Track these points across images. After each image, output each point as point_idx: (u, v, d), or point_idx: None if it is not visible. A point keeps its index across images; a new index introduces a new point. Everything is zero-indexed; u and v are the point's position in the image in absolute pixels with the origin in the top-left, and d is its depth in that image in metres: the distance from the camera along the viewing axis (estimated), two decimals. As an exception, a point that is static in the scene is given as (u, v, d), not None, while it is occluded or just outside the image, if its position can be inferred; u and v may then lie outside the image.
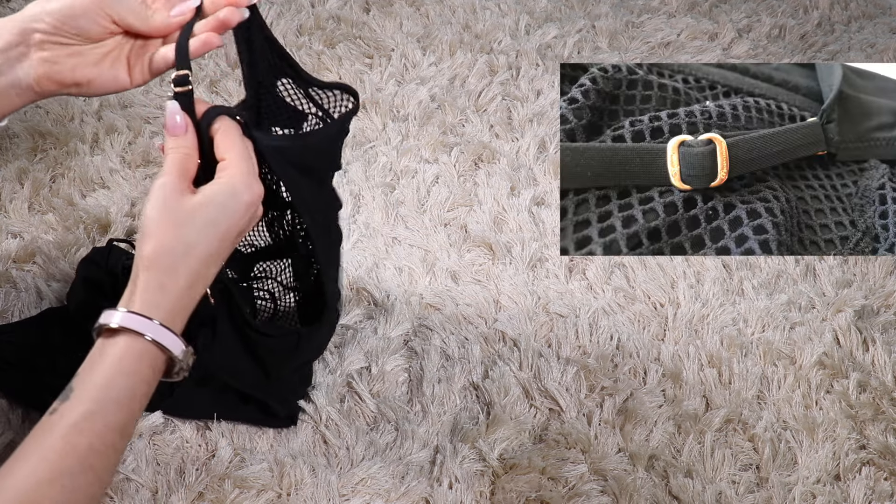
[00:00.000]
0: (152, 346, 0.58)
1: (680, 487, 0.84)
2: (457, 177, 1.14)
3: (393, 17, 1.37)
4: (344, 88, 0.74)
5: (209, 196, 0.61)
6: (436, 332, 0.95)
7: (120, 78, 0.67)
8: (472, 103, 1.26)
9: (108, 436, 0.56)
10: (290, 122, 0.73)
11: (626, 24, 1.45)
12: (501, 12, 1.43)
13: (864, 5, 1.57)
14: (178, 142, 0.63)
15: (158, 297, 0.59)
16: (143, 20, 0.66)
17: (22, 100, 0.64)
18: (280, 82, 0.71)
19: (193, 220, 0.60)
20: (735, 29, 1.46)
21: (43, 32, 0.63)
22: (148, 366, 0.59)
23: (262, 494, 0.80)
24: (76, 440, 0.55)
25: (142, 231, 0.60)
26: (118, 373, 0.57)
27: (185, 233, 0.60)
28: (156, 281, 0.59)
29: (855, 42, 1.47)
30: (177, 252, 0.59)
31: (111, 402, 0.56)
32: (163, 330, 0.59)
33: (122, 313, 0.58)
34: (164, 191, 0.61)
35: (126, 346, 0.58)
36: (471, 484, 0.82)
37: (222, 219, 0.61)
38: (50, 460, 0.54)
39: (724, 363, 0.95)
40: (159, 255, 0.59)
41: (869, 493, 0.86)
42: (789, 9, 1.53)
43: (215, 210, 0.61)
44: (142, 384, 0.59)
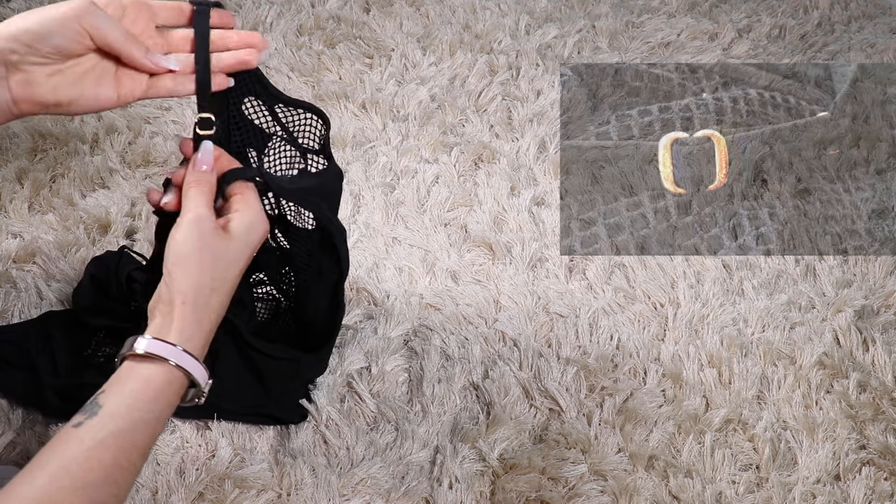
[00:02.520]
0: (182, 375, 0.62)
1: (680, 487, 0.84)
2: (457, 177, 1.14)
3: (393, 17, 1.37)
4: (311, 109, 0.74)
5: (236, 233, 0.65)
6: (436, 332, 0.95)
7: (102, 97, 0.64)
8: (472, 103, 1.26)
9: (133, 454, 0.58)
10: (258, 142, 0.73)
11: (626, 24, 1.45)
12: (501, 12, 1.43)
13: (864, 5, 1.57)
14: (202, 176, 0.66)
15: (194, 331, 0.62)
16: (121, 47, 0.63)
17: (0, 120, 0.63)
18: (247, 100, 0.71)
19: (226, 256, 0.64)
20: (735, 29, 1.46)
21: (19, 53, 0.60)
22: (175, 392, 0.62)
23: (262, 494, 0.80)
24: (102, 455, 0.56)
25: (177, 263, 0.63)
26: (150, 398, 0.60)
27: (219, 269, 0.64)
28: (193, 316, 0.62)
29: (855, 42, 1.47)
30: (211, 288, 0.63)
31: (140, 423, 0.58)
32: (194, 362, 0.62)
33: (161, 344, 0.61)
34: (201, 226, 0.64)
35: (158, 372, 0.60)
36: (471, 484, 0.82)
37: (244, 252, 0.66)
38: (72, 471, 0.55)
39: (724, 363, 0.95)
40: (197, 292, 0.63)
41: (869, 493, 0.86)
42: (789, 9, 1.53)
43: (241, 245, 0.65)
44: (167, 408, 0.61)
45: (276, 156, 0.75)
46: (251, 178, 0.68)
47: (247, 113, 0.71)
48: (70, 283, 0.93)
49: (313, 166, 0.76)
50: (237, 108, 0.71)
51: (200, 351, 0.63)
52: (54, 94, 0.63)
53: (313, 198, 0.74)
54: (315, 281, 0.79)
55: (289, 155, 0.75)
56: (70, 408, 0.80)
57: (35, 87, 0.62)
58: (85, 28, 0.61)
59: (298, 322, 0.83)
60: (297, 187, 0.73)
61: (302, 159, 0.76)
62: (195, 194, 0.65)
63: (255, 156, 0.73)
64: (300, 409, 0.86)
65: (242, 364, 0.81)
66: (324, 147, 0.76)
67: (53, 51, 0.61)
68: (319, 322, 0.82)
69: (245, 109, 0.71)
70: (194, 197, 0.65)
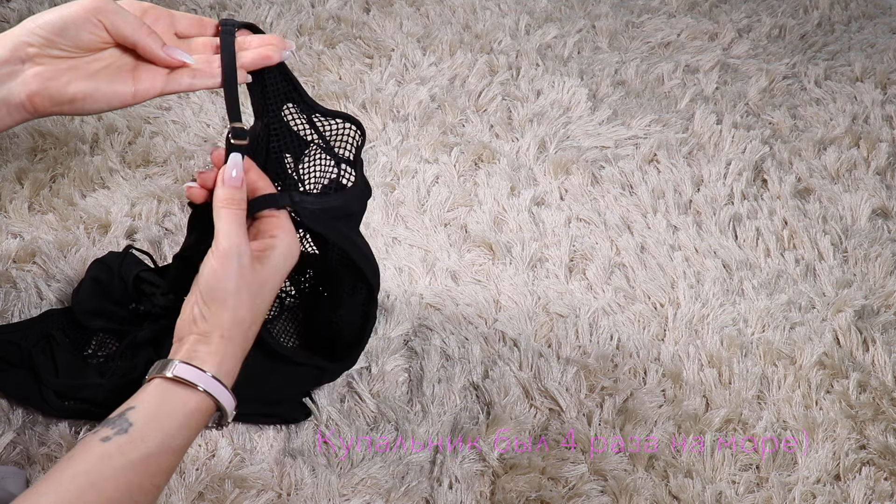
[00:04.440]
0: (211, 403, 0.62)
1: (680, 487, 0.84)
2: (457, 177, 1.14)
3: (393, 17, 1.37)
4: (348, 119, 0.73)
5: (272, 265, 0.65)
6: (436, 332, 0.95)
7: (120, 92, 0.64)
8: (472, 103, 1.26)
9: (158, 477, 0.59)
10: (295, 149, 0.73)
11: (626, 24, 1.45)
12: (501, 12, 1.43)
13: (864, 5, 1.57)
14: (233, 194, 0.65)
15: (230, 365, 0.63)
16: (137, 37, 0.63)
17: (13, 119, 0.62)
18: (286, 106, 0.71)
19: (263, 291, 0.65)
20: (735, 29, 1.46)
21: (37, 46, 0.61)
22: (203, 419, 0.63)
23: (262, 494, 0.80)
24: (130, 477, 0.57)
25: (215, 298, 0.63)
26: (181, 423, 0.60)
27: (257, 304, 0.65)
28: (230, 350, 0.63)
29: (855, 42, 1.46)
30: (248, 322, 0.64)
31: (167, 448, 0.59)
32: (224, 390, 0.63)
33: (197, 371, 0.62)
34: (241, 261, 0.63)
35: (190, 398, 0.61)
36: (471, 484, 0.82)
37: (279, 281, 0.66)
38: (100, 488, 0.55)
39: (724, 363, 0.95)
40: (235, 327, 0.63)
41: (869, 493, 0.86)
42: (789, 9, 1.53)
43: (276, 276, 0.66)
44: (194, 434, 0.62)
45: (311, 163, 0.74)
46: (282, 207, 0.67)
47: (286, 119, 0.71)
48: (70, 283, 0.93)
49: (344, 177, 0.75)
50: (276, 114, 0.70)
51: (231, 379, 0.64)
52: (68, 89, 0.62)
53: (335, 222, 0.73)
54: (347, 297, 0.80)
55: (323, 164, 0.75)
56: (70, 408, 0.81)
57: (51, 80, 0.62)
58: (101, 21, 0.62)
59: (325, 331, 0.84)
60: (320, 208, 0.71)
61: (336, 168, 0.75)
62: (228, 217, 0.64)
63: (291, 162, 0.73)
64: (304, 407, 0.86)
65: (263, 368, 0.82)
66: (356, 157, 0.75)
67: (71, 44, 0.62)
68: (346, 335, 0.83)
69: (284, 116, 0.71)
70: (228, 220, 0.64)
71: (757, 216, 1.14)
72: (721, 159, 1.21)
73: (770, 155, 1.23)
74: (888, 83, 1.37)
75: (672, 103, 1.30)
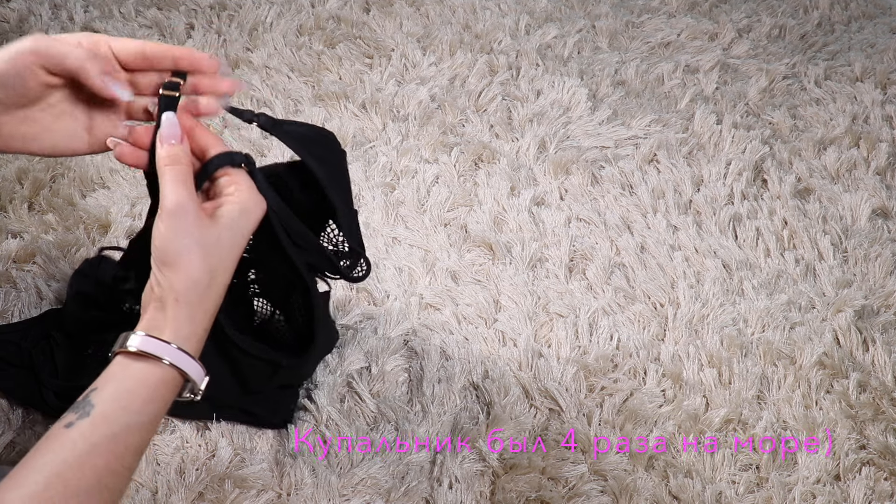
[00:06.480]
0: (177, 374, 0.59)
1: (680, 487, 0.84)
2: (457, 177, 1.14)
3: (393, 17, 1.37)
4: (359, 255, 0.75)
5: (227, 220, 0.60)
6: (436, 332, 0.95)
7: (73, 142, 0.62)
8: (472, 103, 1.26)
9: (127, 458, 0.56)
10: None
11: (626, 24, 1.45)
12: (501, 12, 1.43)
13: (864, 5, 1.57)
14: (174, 152, 0.60)
15: (189, 329, 0.59)
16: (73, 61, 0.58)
17: None
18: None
19: (219, 247, 0.60)
20: (735, 29, 1.46)
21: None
22: (170, 391, 0.59)
23: (262, 494, 0.80)
24: (95, 461, 0.54)
25: (164, 261, 0.58)
26: (146, 399, 0.57)
27: (211, 263, 0.59)
28: (186, 313, 0.59)
29: (855, 42, 1.46)
30: (205, 283, 0.59)
31: (134, 426, 0.56)
32: (189, 360, 0.59)
33: (155, 342, 0.58)
34: (186, 217, 0.58)
35: (153, 372, 0.58)
36: (471, 484, 0.82)
37: (238, 240, 0.61)
38: (66, 477, 0.53)
39: (724, 363, 0.95)
40: (189, 289, 0.59)
41: (869, 493, 0.86)
42: (789, 9, 1.53)
43: (233, 233, 0.61)
44: (162, 408, 0.59)
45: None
46: (238, 164, 0.63)
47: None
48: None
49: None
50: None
51: (196, 347, 0.60)
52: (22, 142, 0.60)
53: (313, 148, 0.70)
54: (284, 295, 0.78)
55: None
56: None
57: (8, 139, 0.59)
58: (38, 57, 0.58)
59: (296, 323, 0.82)
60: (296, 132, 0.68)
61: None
62: (172, 175, 0.59)
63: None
64: (282, 413, 0.85)
65: (218, 356, 0.79)
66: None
67: (12, 93, 0.58)
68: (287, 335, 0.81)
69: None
70: (172, 179, 0.59)
71: (757, 216, 1.14)
72: (721, 159, 1.21)
73: (770, 155, 1.23)
74: (888, 83, 1.37)
75: (672, 103, 1.30)
